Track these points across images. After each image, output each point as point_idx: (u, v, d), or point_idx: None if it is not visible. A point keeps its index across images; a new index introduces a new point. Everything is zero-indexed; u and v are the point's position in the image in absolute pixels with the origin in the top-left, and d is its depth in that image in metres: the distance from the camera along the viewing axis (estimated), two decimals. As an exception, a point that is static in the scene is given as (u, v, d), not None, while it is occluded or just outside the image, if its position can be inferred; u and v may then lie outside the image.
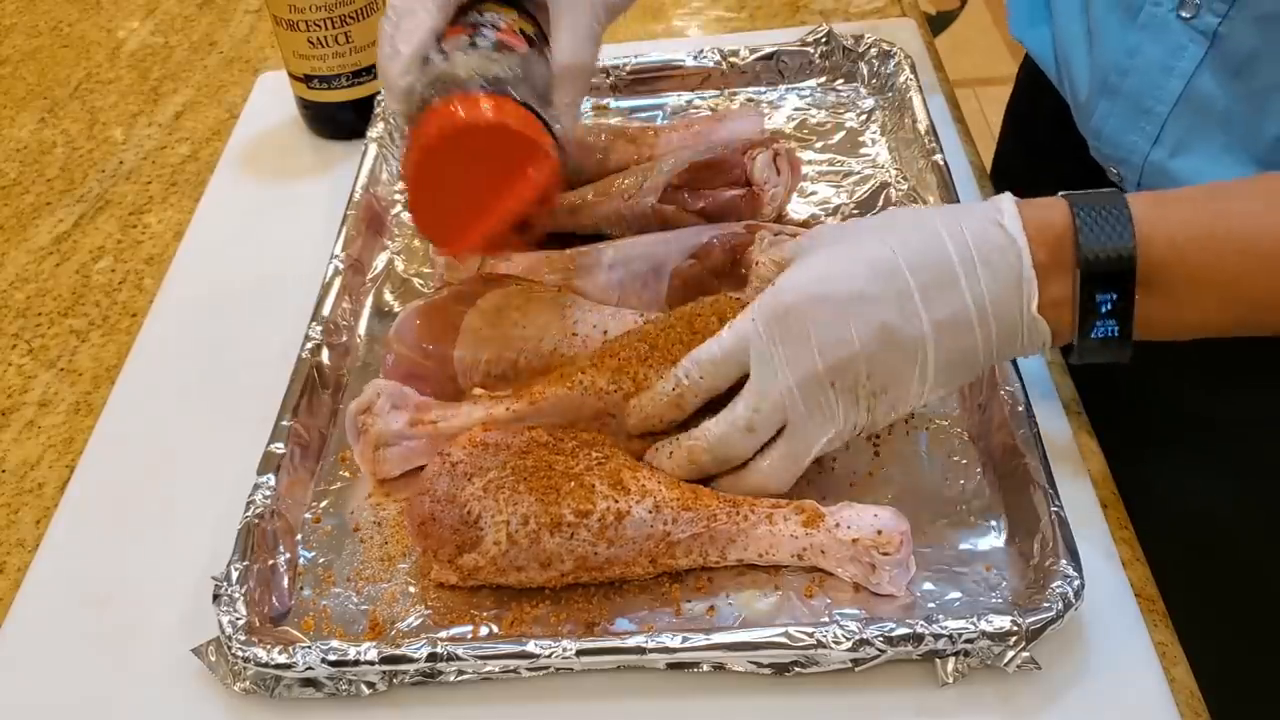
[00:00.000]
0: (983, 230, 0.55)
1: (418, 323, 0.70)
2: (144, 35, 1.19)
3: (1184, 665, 0.57)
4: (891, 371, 0.56)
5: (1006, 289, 0.55)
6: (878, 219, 0.60)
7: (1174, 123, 0.67)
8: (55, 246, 0.93)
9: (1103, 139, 0.72)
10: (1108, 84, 0.70)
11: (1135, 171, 0.70)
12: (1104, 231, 0.53)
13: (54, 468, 0.74)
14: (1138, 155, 0.69)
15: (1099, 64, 0.70)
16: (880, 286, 0.55)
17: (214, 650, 0.58)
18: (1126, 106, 0.69)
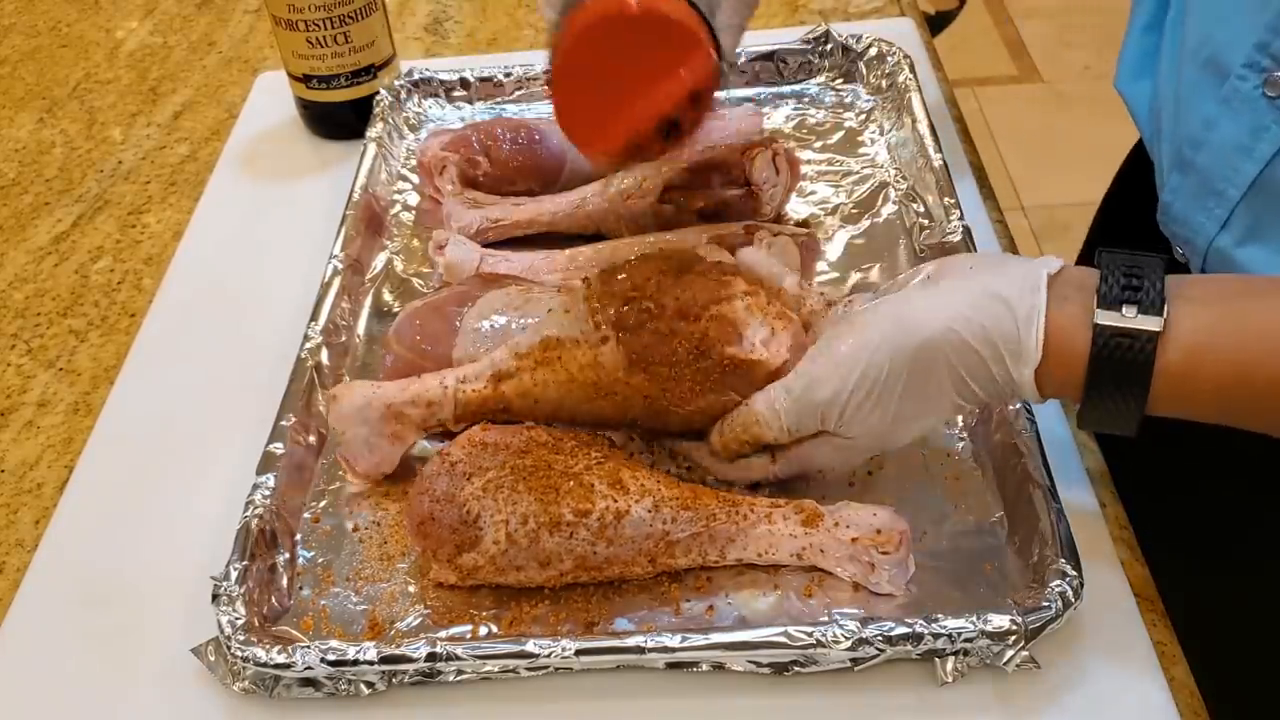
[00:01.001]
0: (998, 340, 0.54)
1: (417, 323, 0.70)
2: (143, 35, 1.19)
3: (1183, 665, 0.57)
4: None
5: (1010, 369, 0.54)
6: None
7: (1244, 209, 0.62)
8: (54, 246, 0.93)
9: (1170, 215, 0.67)
10: (1182, 156, 0.65)
11: (1199, 255, 0.66)
12: (1122, 362, 0.52)
13: (53, 468, 0.74)
14: (1202, 238, 0.64)
15: (1178, 132, 0.65)
16: (925, 390, 0.56)
17: (213, 650, 0.58)
18: (1197, 184, 0.64)
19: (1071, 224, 2.38)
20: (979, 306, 0.54)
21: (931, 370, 0.55)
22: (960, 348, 0.54)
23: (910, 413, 0.57)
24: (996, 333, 0.53)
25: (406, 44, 1.11)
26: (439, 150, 0.85)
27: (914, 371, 0.55)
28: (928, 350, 0.55)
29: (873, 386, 0.56)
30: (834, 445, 0.59)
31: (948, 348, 0.54)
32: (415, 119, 0.95)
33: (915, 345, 0.55)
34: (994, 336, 0.53)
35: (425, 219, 0.86)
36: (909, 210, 0.81)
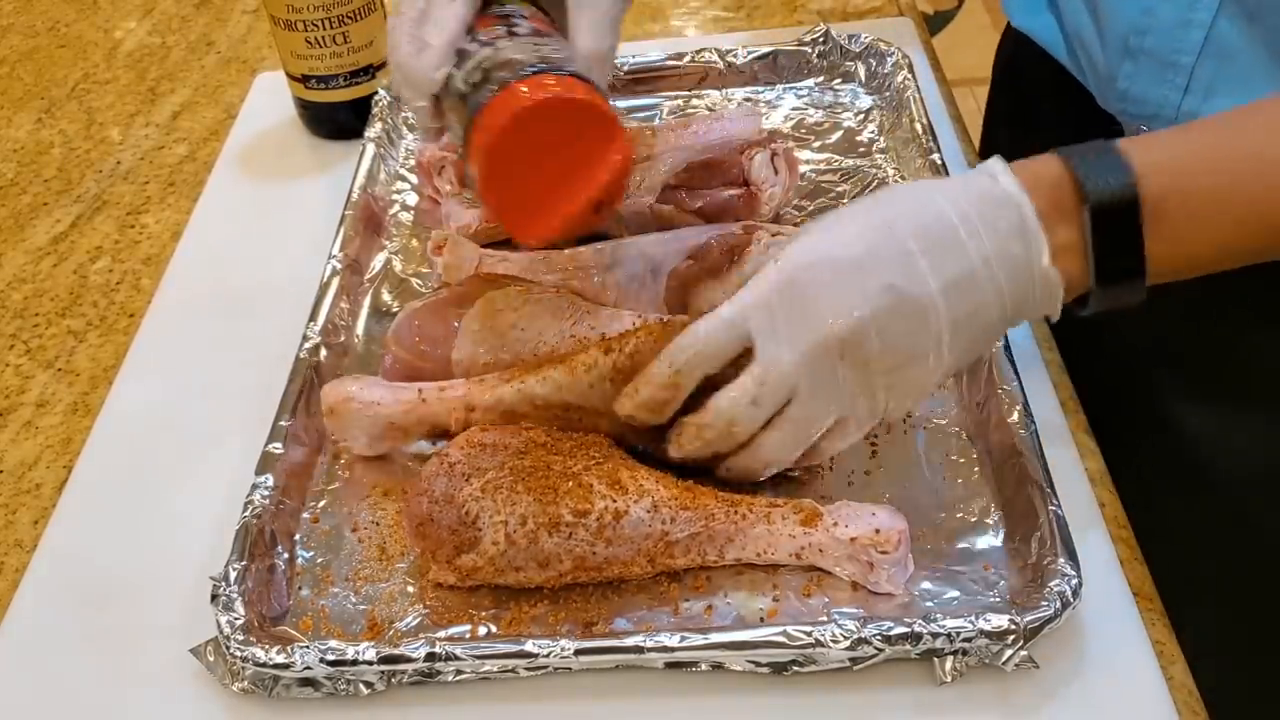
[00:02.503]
0: (978, 189, 0.55)
1: (416, 324, 0.70)
2: (141, 35, 1.19)
3: (1181, 664, 0.57)
4: (904, 341, 0.55)
5: (1012, 242, 0.54)
6: (870, 196, 0.60)
7: (1200, 69, 0.67)
8: (53, 247, 0.93)
9: (1130, 99, 0.72)
10: (1128, 47, 0.70)
11: (1168, 124, 0.70)
12: (1100, 171, 0.54)
13: (52, 468, 0.74)
14: (1169, 107, 0.70)
15: (1115, 31, 0.71)
16: (882, 250, 0.55)
17: (212, 650, 0.58)
18: (1151, 63, 0.69)
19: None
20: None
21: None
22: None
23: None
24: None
25: (405, 44, 1.10)
26: (438, 150, 0.84)
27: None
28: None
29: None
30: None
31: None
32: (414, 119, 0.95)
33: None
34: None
35: (424, 219, 0.86)
36: (908, 210, 0.81)
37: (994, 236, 0.54)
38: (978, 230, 0.54)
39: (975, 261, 0.54)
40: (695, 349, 0.58)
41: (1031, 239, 0.54)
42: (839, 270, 0.55)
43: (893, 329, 0.55)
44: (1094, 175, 0.54)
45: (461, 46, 0.64)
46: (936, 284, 0.54)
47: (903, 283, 0.54)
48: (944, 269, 0.54)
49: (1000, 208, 0.54)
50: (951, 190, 0.56)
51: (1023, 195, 0.54)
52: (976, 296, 0.55)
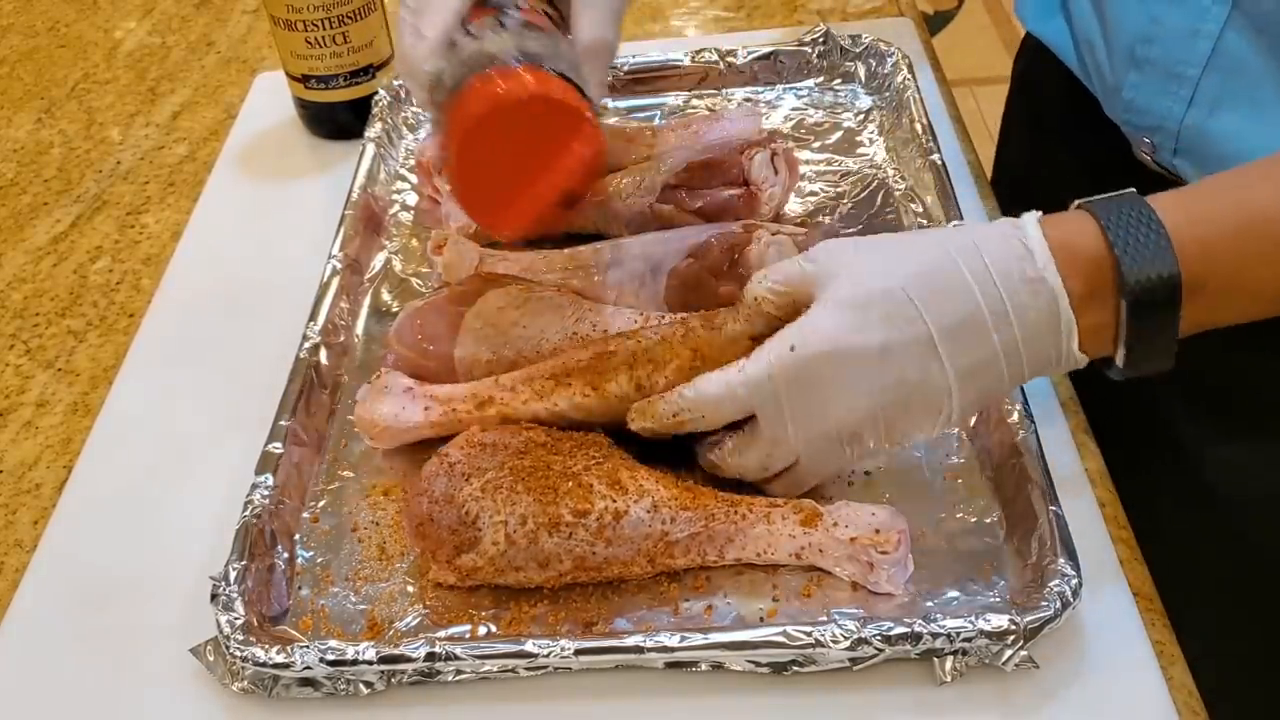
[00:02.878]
0: (1007, 265, 0.53)
1: (418, 323, 0.70)
2: (141, 35, 1.19)
3: (1181, 664, 0.57)
4: (910, 419, 0.56)
5: (1041, 332, 0.53)
6: (891, 247, 0.58)
7: (1206, 82, 0.67)
8: (53, 247, 0.93)
9: (1135, 110, 0.71)
10: (1134, 56, 0.69)
11: (1171, 138, 0.70)
12: (1144, 253, 0.52)
13: (52, 468, 0.74)
14: (1172, 120, 0.69)
15: (1122, 39, 0.70)
16: (900, 342, 0.54)
17: (212, 650, 0.58)
18: (1156, 74, 0.69)
19: (1070, 224, 2.38)
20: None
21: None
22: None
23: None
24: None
25: (405, 44, 1.11)
26: (437, 150, 0.84)
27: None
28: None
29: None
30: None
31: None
32: (414, 119, 0.95)
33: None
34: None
35: (424, 219, 0.86)
36: (907, 210, 0.81)
37: (1023, 326, 0.53)
38: (1007, 316, 0.53)
39: (998, 351, 0.54)
40: (701, 409, 0.59)
41: (1063, 330, 0.53)
42: (853, 363, 0.55)
43: (900, 415, 0.56)
44: (1137, 261, 0.52)
45: (455, 38, 0.65)
46: (953, 373, 0.54)
47: (917, 377, 0.54)
48: (962, 359, 0.54)
49: (1034, 295, 0.53)
50: (977, 260, 0.54)
51: (1059, 283, 0.53)
52: (993, 381, 0.55)
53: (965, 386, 0.55)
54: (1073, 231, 0.54)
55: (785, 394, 0.56)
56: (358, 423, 0.67)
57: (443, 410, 0.66)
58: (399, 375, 0.68)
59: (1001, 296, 0.53)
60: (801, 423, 0.57)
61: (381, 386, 0.67)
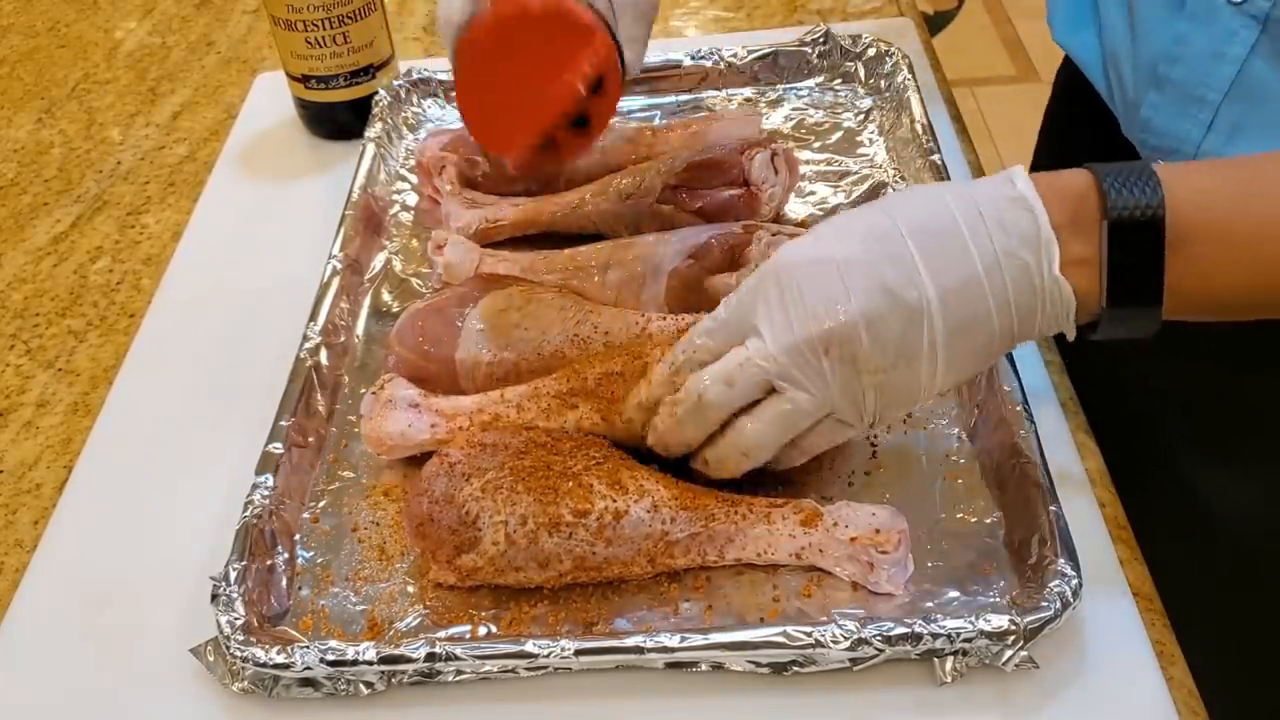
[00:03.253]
0: (993, 193, 0.54)
1: (419, 324, 0.70)
2: (141, 35, 1.19)
3: (1181, 664, 0.57)
4: (895, 344, 0.54)
5: (1020, 248, 0.53)
6: (884, 197, 0.59)
7: (1227, 108, 0.65)
8: (53, 247, 0.93)
9: (1152, 130, 0.69)
10: (1156, 75, 0.68)
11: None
12: (1130, 188, 0.51)
13: (52, 468, 0.74)
14: (1190, 144, 0.67)
15: (1146, 56, 0.68)
16: (879, 250, 0.54)
17: (212, 650, 0.58)
18: (1177, 95, 0.67)
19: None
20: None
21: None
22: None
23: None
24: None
25: (405, 44, 1.11)
26: (438, 150, 0.85)
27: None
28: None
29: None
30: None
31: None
32: (414, 119, 0.95)
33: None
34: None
35: (424, 219, 0.86)
36: (908, 210, 0.81)
37: (1002, 240, 0.53)
38: (985, 234, 0.53)
39: (978, 266, 0.53)
40: (694, 347, 0.58)
41: (1042, 246, 0.52)
42: (832, 267, 0.54)
43: (884, 330, 0.54)
44: (1121, 190, 0.52)
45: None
46: (934, 289, 0.53)
47: (897, 285, 0.53)
48: (944, 273, 0.53)
49: (1011, 211, 0.53)
50: (964, 192, 0.55)
51: (1037, 200, 0.53)
52: (977, 304, 0.53)
53: (949, 306, 0.53)
54: (1064, 174, 0.54)
55: (768, 298, 0.55)
56: (365, 439, 0.67)
57: (449, 428, 0.66)
58: (402, 384, 0.68)
59: (981, 216, 0.53)
60: (783, 323, 0.54)
61: (386, 400, 0.67)
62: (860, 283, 0.54)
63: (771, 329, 0.55)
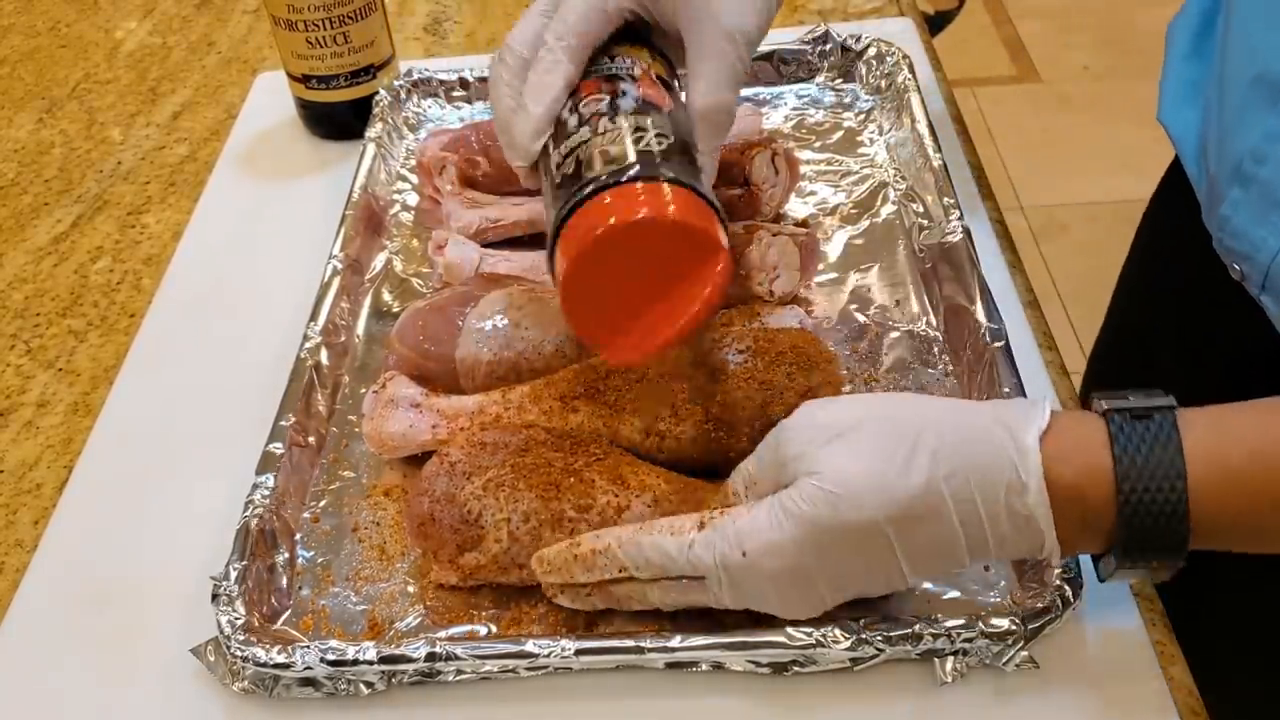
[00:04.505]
0: (996, 495, 0.50)
1: (419, 324, 0.70)
2: (142, 35, 1.19)
3: (1182, 664, 0.57)
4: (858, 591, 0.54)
5: (1017, 553, 0.52)
6: (879, 451, 0.51)
7: None
8: (53, 247, 0.93)
9: (1228, 231, 0.64)
10: (1242, 170, 0.62)
11: (1260, 271, 0.63)
12: (1155, 521, 0.49)
13: (52, 468, 0.74)
14: (1265, 253, 0.62)
15: (1233, 149, 0.63)
16: (863, 563, 0.52)
17: (213, 650, 0.58)
18: (1259, 197, 0.61)
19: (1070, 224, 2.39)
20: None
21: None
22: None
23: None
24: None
25: (406, 44, 1.11)
26: (438, 150, 0.85)
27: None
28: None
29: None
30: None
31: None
32: (414, 119, 0.95)
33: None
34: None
35: (425, 219, 0.86)
36: (908, 210, 0.81)
37: (1000, 549, 0.51)
38: (985, 545, 0.51)
39: (965, 562, 0.52)
40: (637, 568, 0.55)
41: (1044, 554, 0.51)
42: (806, 580, 0.52)
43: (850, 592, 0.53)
44: (1143, 525, 0.49)
45: (562, 116, 0.60)
46: (912, 580, 0.52)
47: (874, 586, 0.53)
48: (926, 572, 0.53)
49: (1017, 531, 0.50)
50: (969, 495, 0.50)
51: (1050, 528, 0.50)
52: (951, 568, 0.53)
53: (920, 579, 0.54)
54: (1081, 471, 0.50)
55: (726, 583, 0.53)
56: (366, 438, 0.67)
57: (450, 428, 0.66)
58: (403, 383, 0.68)
59: (985, 534, 0.51)
60: (738, 600, 0.54)
61: (387, 399, 0.67)
62: (833, 588, 0.53)
63: (730, 598, 0.53)
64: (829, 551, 0.51)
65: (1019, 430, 0.50)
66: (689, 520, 0.54)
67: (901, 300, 0.75)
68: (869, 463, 0.51)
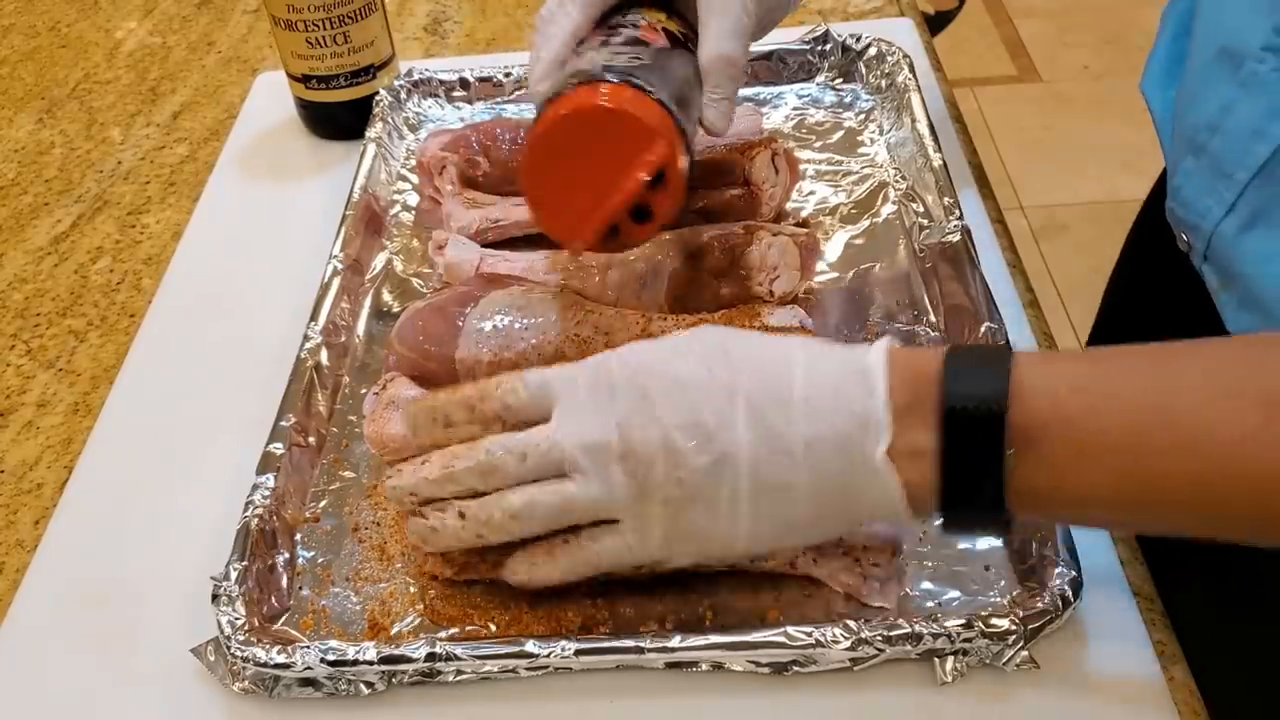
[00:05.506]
0: (843, 361, 0.51)
1: (419, 324, 0.70)
2: (142, 35, 1.19)
3: (1182, 664, 0.57)
4: (692, 481, 0.51)
5: (849, 423, 0.49)
6: (741, 338, 0.54)
7: (1252, 192, 0.62)
8: (53, 247, 0.93)
9: (1179, 199, 0.67)
10: (1196, 140, 0.65)
11: (1203, 240, 0.65)
12: (975, 378, 0.48)
13: (53, 468, 0.74)
14: (1209, 222, 0.64)
15: (1191, 120, 0.66)
16: (708, 382, 0.51)
17: (213, 650, 0.58)
18: (1208, 167, 0.64)
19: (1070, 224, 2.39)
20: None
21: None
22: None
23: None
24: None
25: (406, 44, 1.11)
26: (438, 150, 0.85)
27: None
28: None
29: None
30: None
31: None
32: (415, 119, 0.95)
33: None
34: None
35: (425, 219, 0.86)
36: (908, 210, 0.81)
37: (832, 411, 0.49)
38: (818, 401, 0.49)
39: (800, 432, 0.49)
40: (501, 405, 0.55)
41: (871, 427, 0.49)
42: (653, 381, 0.51)
43: (682, 463, 0.50)
44: (962, 381, 0.48)
45: (566, 59, 0.66)
46: (747, 443, 0.50)
47: (712, 426, 0.50)
48: (763, 430, 0.50)
49: (849, 384, 0.49)
50: (817, 353, 0.51)
51: (880, 377, 0.49)
52: (791, 472, 0.50)
53: (758, 460, 0.50)
54: (920, 353, 0.52)
55: (583, 387, 0.53)
56: (368, 441, 0.67)
57: None
58: (404, 384, 0.68)
59: (821, 381, 0.50)
60: (588, 417, 0.52)
61: (388, 401, 0.67)
62: (675, 408, 0.51)
63: (578, 416, 0.52)
64: (675, 356, 0.52)
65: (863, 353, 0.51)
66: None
67: (901, 300, 0.75)
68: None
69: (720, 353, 0.52)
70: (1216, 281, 0.66)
